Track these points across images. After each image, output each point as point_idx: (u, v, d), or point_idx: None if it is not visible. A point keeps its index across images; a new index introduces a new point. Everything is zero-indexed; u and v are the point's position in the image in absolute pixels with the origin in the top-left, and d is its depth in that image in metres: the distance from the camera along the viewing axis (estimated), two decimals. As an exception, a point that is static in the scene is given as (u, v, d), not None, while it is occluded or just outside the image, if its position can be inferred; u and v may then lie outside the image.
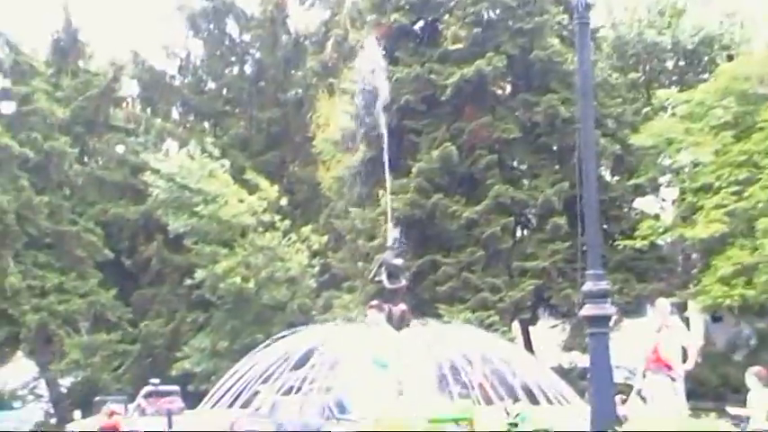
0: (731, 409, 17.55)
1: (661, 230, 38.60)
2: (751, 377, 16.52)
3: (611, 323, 11.72)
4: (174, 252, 46.35)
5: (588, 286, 11.03)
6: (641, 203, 42.96)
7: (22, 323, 43.93)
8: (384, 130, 33.80)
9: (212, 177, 43.82)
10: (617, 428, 10.48)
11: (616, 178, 40.77)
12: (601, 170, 39.47)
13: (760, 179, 34.46)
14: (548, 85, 40.61)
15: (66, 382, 48.04)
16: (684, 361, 16.85)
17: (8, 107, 48.18)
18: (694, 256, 41.48)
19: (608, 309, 11.13)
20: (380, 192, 38.67)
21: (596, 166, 12.14)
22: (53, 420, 45.14)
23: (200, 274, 42.62)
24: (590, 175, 11.52)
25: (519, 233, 42.81)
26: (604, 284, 11.17)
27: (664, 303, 17.95)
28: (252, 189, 44.54)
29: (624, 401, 18.13)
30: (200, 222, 43.44)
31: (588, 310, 11.02)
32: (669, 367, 16.22)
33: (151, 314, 47.29)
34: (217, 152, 45.31)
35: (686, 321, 34.91)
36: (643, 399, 16.08)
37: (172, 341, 45.28)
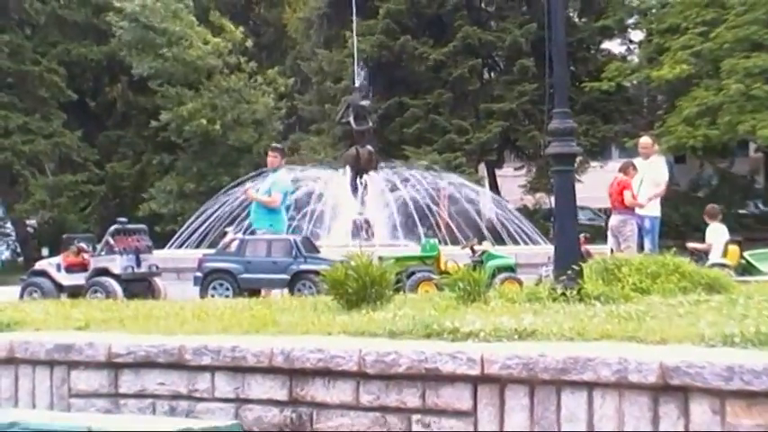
0: (691, 245, 17.95)
1: (627, 72, 38.58)
2: (706, 216, 17.11)
3: (576, 163, 11.74)
4: (140, 94, 45.88)
5: (554, 124, 10.97)
6: (608, 45, 42.86)
7: (-15, 163, 43.67)
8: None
9: (176, 18, 43.12)
10: (580, 264, 10.58)
11: (583, 20, 40.48)
12: (568, 12, 39.17)
13: (726, 20, 34.34)
14: None
15: (33, 223, 48.12)
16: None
17: (-35, -57, 46.91)
18: (660, 97, 41.64)
19: (573, 147, 11.11)
20: (347, 33, 38.36)
21: (564, 5, 11.98)
22: (20, 259, 45.33)
23: (165, 116, 42.35)
24: (557, 13, 11.37)
25: (486, 75, 42.76)
26: (570, 123, 11.11)
27: (646, 142, 18.08)
28: (217, 31, 43.94)
29: (587, 240, 18.37)
30: (165, 64, 42.93)
31: (554, 147, 10.99)
32: (633, 209, 16.41)
33: (117, 156, 47.10)
34: (181, -8, 44.45)
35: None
36: (614, 237, 16.33)
37: (138, 183, 45.25)
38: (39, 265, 18.30)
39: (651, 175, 17.03)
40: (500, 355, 6.99)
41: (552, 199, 40.31)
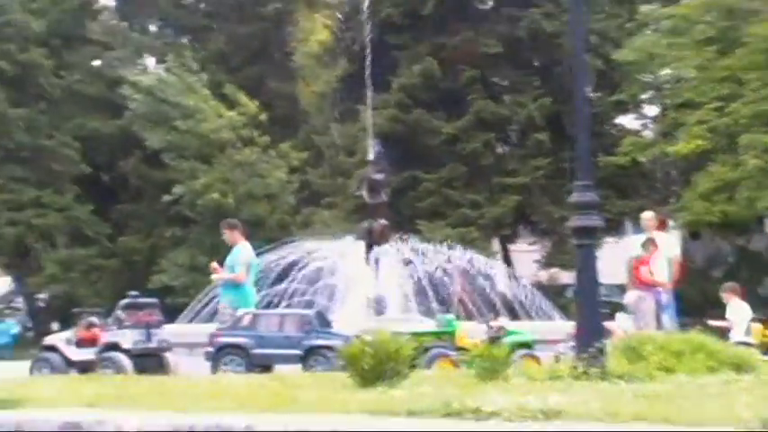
0: (712, 322, 17.62)
1: (643, 147, 38.44)
2: (726, 294, 16.81)
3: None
4: (153, 168, 45.89)
5: (576, 197, 10.77)
6: (623, 120, 42.82)
7: (-2, 237, 43.59)
8: (367, 45, 33.44)
9: (191, 92, 43.28)
10: (603, 341, 10.31)
11: (598, 94, 40.42)
12: (584, 87, 39.16)
13: (742, 95, 34.23)
14: (531, -1, 40.15)
15: (44, 297, 47.88)
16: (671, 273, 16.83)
17: (-18, 19, 47.31)
18: (675, 172, 41.44)
19: (596, 220, 10.90)
20: (361, 107, 38.36)
21: (587, 73, 11.87)
22: (30, 333, 45.04)
23: (178, 189, 42.27)
24: (580, 83, 11.25)
25: (500, 149, 42.66)
26: (592, 195, 10.92)
27: (647, 216, 17.88)
28: (231, 104, 44.05)
29: (607, 316, 18.07)
30: (179, 137, 43.02)
31: (576, 221, 10.77)
32: (650, 285, 16.13)
33: (129, 230, 46.98)
34: (195, 66, 44.70)
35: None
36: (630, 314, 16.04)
37: (150, 256, 45.03)
38: (49, 340, 18.08)
39: (664, 250, 16.79)
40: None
41: (568, 274, 40.10)
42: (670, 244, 17.13)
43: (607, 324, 15.94)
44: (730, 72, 35.18)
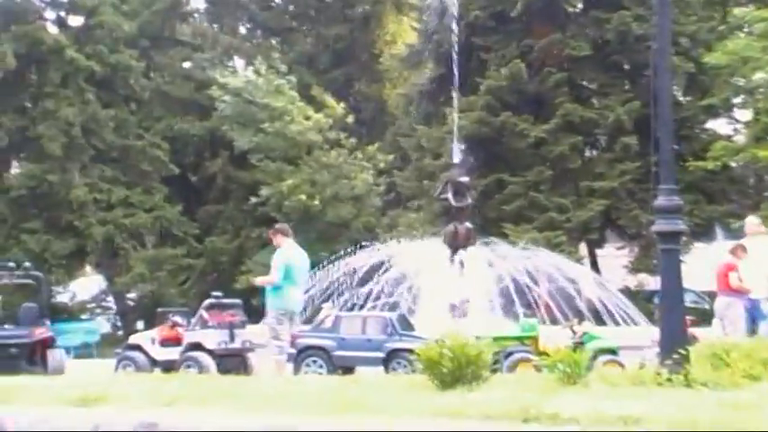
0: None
1: (733, 152, 37.74)
2: None
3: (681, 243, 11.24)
4: (240, 169, 46.34)
5: (660, 201, 10.58)
6: (714, 124, 42.07)
7: (88, 236, 44.32)
8: (454, 47, 33.34)
9: (279, 93, 43.57)
10: (687, 348, 10.09)
11: (688, 98, 39.82)
12: (673, 89, 38.58)
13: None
14: (620, 1, 39.60)
15: (133, 296, 48.55)
16: None
17: (75, 20, 48.20)
18: (767, 177, 40.62)
19: (680, 225, 10.68)
20: (447, 110, 38.28)
21: (671, 78, 11.60)
22: (120, 333, 45.72)
23: (265, 191, 42.60)
24: (664, 87, 11.01)
25: (588, 153, 42.20)
26: (677, 200, 10.71)
27: (754, 221, 17.47)
28: (318, 106, 44.25)
29: (693, 323, 17.71)
30: (266, 139, 43.36)
31: (660, 225, 10.57)
32: (739, 292, 15.73)
33: (216, 230, 47.44)
34: (283, 68, 44.99)
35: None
36: (720, 320, 15.66)
37: (236, 257, 45.40)
38: (133, 339, 18.29)
39: (762, 257, 16.34)
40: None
41: (655, 280, 39.30)
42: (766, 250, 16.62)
43: (692, 330, 15.65)
44: (823, 75, 34.44)
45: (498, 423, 7.38)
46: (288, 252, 15.19)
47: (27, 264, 21.76)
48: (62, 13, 48.62)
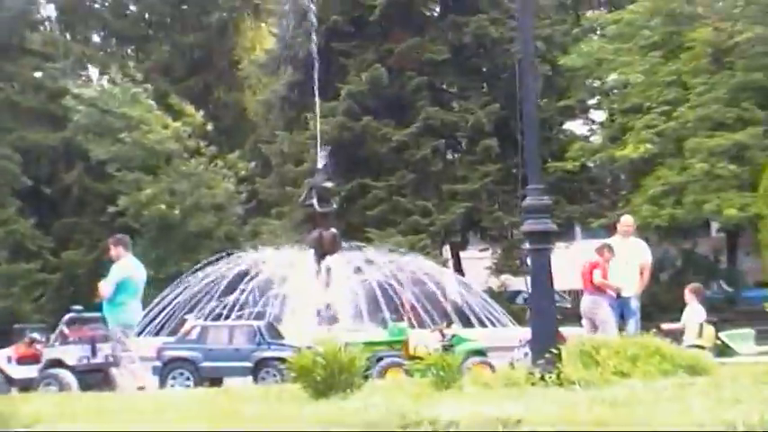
0: (665, 326, 17.45)
1: (591, 152, 38.54)
2: (688, 293, 16.53)
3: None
4: (97, 180, 45.28)
5: (529, 201, 10.63)
6: (571, 125, 42.91)
7: (-64, 252, 42.82)
8: (314, 52, 33.20)
9: (135, 102, 42.74)
10: (558, 347, 10.15)
11: (545, 100, 40.51)
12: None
13: (688, 99, 34.43)
14: (477, 5, 40.06)
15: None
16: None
17: None
18: (623, 177, 41.58)
19: (550, 224, 10.74)
20: (308, 115, 38.13)
21: (536, 77, 11.67)
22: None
23: (123, 201, 41.67)
24: (529, 87, 11.07)
25: (449, 156, 42.54)
26: (546, 199, 10.80)
27: (628, 218, 17.69)
28: (176, 115, 43.55)
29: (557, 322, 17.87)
30: (124, 149, 42.43)
31: (529, 225, 10.61)
32: (603, 291, 15.89)
33: (73, 243, 46.26)
34: (139, 77, 44.17)
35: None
36: (588, 320, 15.77)
37: (95, 270, 44.19)
38: (-12, 358, 17.57)
39: (633, 256, 16.56)
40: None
41: (518, 280, 40.06)
42: (639, 249, 16.86)
43: (561, 330, 15.77)
44: (676, 76, 35.40)
45: (378, 430, 7.21)
46: (127, 265, 14.81)
47: None
48: None
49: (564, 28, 41.00)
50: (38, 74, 49.59)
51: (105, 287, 14.53)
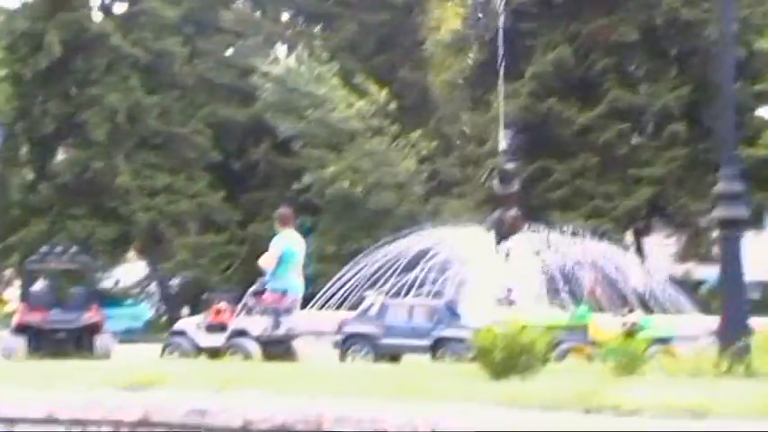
0: None
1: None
2: None
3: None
4: (283, 155, 46.25)
5: (722, 187, 10.27)
6: (763, 111, 41.50)
7: (132, 223, 44.51)
8: (499, 32, 33.04)
9: (321, 81, 43.44)
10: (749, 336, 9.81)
11: (738, 84, 39.25)
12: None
13: None
14: (669, -15, 39.10)
15: (176, 282, 48.63)
16: None
17: (120, 7, 48.30)
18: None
19: (743, 211, 10.36)
20: (492, 96, 38.00)
21: (733, 58, 11.25)
22: (163, 318, 45.80)
23: (307, 178, 42.50)
24: (727, 69, 10.67)
25: (635, 140, 41.71)
26: (739, 185, 10.38)
27: None
28: (361, 93, 44.03)
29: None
30: (308, 126, 43.23)
31: (721, 211, 10.25)
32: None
33: (259, 217, 47.30)
34: (326, 56, 44.82)
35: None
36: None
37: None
38: (179, 325, 18.14)
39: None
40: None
41: (703, 268, 38.93)
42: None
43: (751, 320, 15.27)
44: None
45: (559, 413, 7.10)
46: (287, 237, 15.14)
47: (74, 249, 21.79)
48: (107, 1, 48.68)
49: (762, 9, 39.56)
50: (229, 51, 50.91)
51: (267, 259, 14.92)
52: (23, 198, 45.14)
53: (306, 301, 27.66)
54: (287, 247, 14.97)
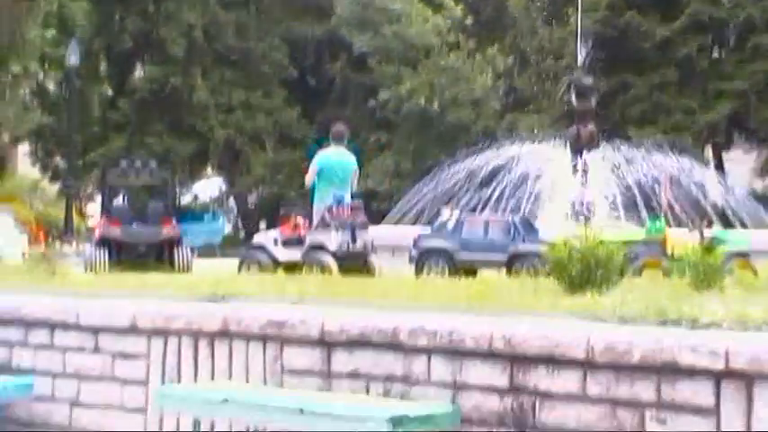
0: None
1: None
2: None
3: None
4: (358, 72, 46.14)
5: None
6: None
7: (209, 139, 44.89)
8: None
9: (396, -5, 43.14)
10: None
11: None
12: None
13: None
14: None
15: (253, 198, 49.11)
16: None
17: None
18: None
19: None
20: (569, 10, 37.46)
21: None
22: (241, 233, 46.37)
23: (384, 94, 42.43)
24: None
25: (716, 53, 40.91)
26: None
27: None
28: (437, 8, 43.64)
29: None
30: (384, 41, 43.03)
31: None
32: None
33: (335, 133, 47.44)
34: (401, -31, 44.44)
35: None
36: None
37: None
38: (256, 239, 18.31)
39: None
40: (747, 348, 6.23)
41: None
42: None
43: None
44: None
45: (635, 326, 7.13)
46: (326, 153, 15.30)
47: (153, 164, 22.09)
48: None
49: None
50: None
51: (307, 177, 15.23)
52: (103, 114, 45.69)
53: (382, 216, 27.93)
54: (321, 162, 15.19)
